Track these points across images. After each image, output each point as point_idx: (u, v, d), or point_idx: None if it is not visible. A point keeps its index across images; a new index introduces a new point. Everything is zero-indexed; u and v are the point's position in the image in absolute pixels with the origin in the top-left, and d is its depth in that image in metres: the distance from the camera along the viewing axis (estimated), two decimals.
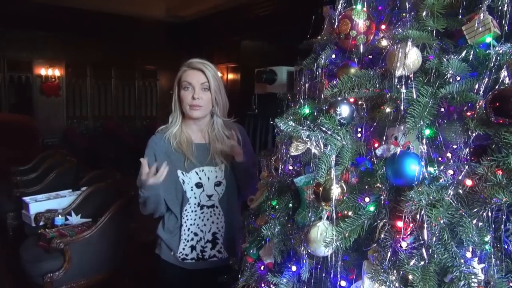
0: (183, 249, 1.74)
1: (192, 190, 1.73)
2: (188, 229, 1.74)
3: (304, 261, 1.09)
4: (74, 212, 3.24)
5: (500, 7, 0.93)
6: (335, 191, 0.97)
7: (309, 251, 1.05)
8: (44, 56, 7.98)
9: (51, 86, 8.13)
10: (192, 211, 1.73)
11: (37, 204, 3.36)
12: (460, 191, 0.87)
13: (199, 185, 1.73)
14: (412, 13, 1.03)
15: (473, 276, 0.82)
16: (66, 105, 8.44)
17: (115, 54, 8.50)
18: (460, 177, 0.87)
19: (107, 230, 2.98)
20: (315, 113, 1.17)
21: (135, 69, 9.29)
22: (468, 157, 0.90)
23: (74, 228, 3.02)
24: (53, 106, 8.21)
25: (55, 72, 8.14)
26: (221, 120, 1.78)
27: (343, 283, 1.03)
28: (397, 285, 0.88)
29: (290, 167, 1.29)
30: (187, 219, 1.73)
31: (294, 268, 1.13)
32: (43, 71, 8.01)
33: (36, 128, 7.13)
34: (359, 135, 1.09)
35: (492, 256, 0.85)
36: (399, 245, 0.89)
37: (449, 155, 0.94)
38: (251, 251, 1.31)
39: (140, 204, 1.70)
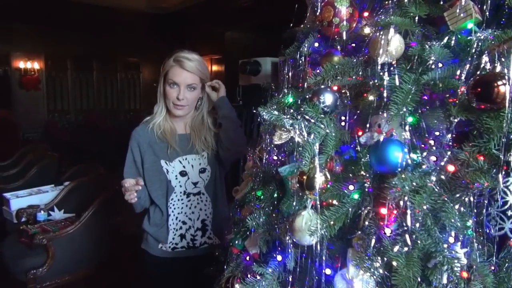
0: (173, 238, 1.74)
1: (176, 178, 1.72)
2: (176, 217, 1.73)
3: (290, 251, 1.09)
4: (57, 208, 3.19)
5: None
6: (319, 179, 0.97)
7: (294, 240, 1.05)
8: (23, 49, 7.78)
9: (31, 79, 7.94)
10: (178, 200, 1.73)
11: (18, 200, 3.29)
12: (443, 177, 0.87)
13: (183, 173, 1.72)
14: None
15: (456, 261, 0.83)
16: (46, 98, 8.27)
17: (95, 46, 8.34)
18: (442, 163, 0.88)
19: (91, 225, 2.95)
20: (299, 102, 1.16)
21: (117, 61, 9.15)
22: (450, 143, 0.91)
23: (57, 224, 2.98)
24: (33, 100, 8.03)
25: (34, 65, 7.95)
26: (205, 115, 1.78)
27: (328, 271, 1.03)
28: (381, 271, 0.89)
29: (275, 157, 1.29)
30: (174, 208, 1.73)
31: (279, 257, 1.13)
32: (21, 64, 7.82)
33: (15, 123, 6.99)
34: (343, 123, 1.09)
35: (474, 240, 0.86)
36: (383, 232, 0.89)
37: (431, 141, 0.94)
38: (237, 242, 1.31)
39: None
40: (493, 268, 0.88)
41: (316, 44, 1.25)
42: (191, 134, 1.75)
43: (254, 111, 1.14)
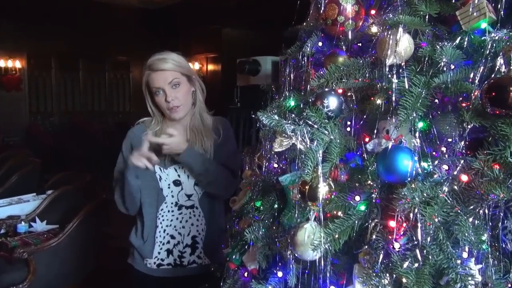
0: (159, 253, 1.73)
1: (169, 188, 1.72)
2: (164, 230, 1.73)
3: (291, 266, 1.09)
4: (39, 218, 3.18)
5: None
6: (323, 189, 0.97)
7: (296, 255, 1.05)
8: (3, 47, 7.77)
9: (11, 79, 7.93)
10: (168, 211, 1.73)
11: None
12: (456, 187, 0.88)
13: (177, 183, 1.72)
14: None
15: (470, 278, 0.83)
16: (28, 100, 8.26)
17: (82, 44, 8.34)
18: (455, 173, 0.89)
19: (76, 237, 2.94)
20: (301, 106, 1.17)
21: (105, 60, 9.15)
22: (464, 151, 0.91)
23: (39, 236, 2.97)
24: (14, 101, 8.01)
25: (16, 64, 7.95)
26: (203, 109, 1.77)
27: None
28: None
29: (275, 165, 1.29)
30: (163, 220, 1.73)
31: (280, 273, 1.13)
32: (2, 63, 7.82)
33: None
34: (348, 129, 1.09)
35: (490, 256, 0.87)
36: (391, 246, 0.89)
37: (443, 149, 0.95)
38: (234, 256, 1.31)
39: (120, 198, 1.70)
40: (509, 285, 0.88)
41: (320, 44, 1.26)
42: (191, 137, 1.74)
43: (253, 115, 1.15)
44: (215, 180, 1.69)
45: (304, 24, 1.36)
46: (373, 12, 1.16)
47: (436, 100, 0.97)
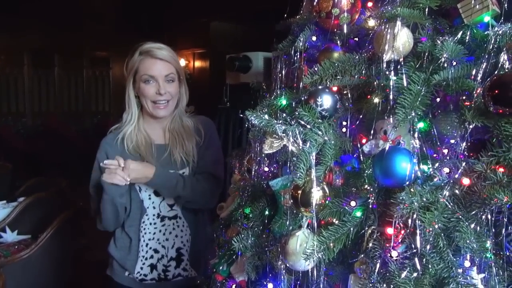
0: (141, 268, 1.73)
1: (150, 198, 1.72)
2: (147, 244, 1.73)
3: (282, 277, 1.10)
4: (9, 228, 3.16)
5: None
6: (316, 194, 0.98)
7: (288, 265, 1.06)
8: None
9: None
10: (150, 224, 1.73)
11: None
12: (457, 191, 0.89)
13: (158, 193, 1.72)
14: None
15: None
16: None
17: (57, 38, 8.30)
18: (456, 176, 0.90)
19: (50, 249, 2.92)
20: (293, 105, 1.18)
21: (83, 56, 9.11)
22: (465, 153, 0.93)
23: (10, 247, 2.96)
24: None
25: None
26: (183, 112, 1.78)
27: None
28: None
29: (266, 168, 1.30)
30: (145, 233, 1.72)
31: (270, 286, 1.14)
32: None
33: None
34: (343, 129, 1.11)
35: (493, 264, 0.88)
36: (389, 255, 0.91)
37: (444, 150, 0.97)
38: (221, 267, 1.32)
39: (97, 215, 1.70)
40: None
41: (314, 38, 1.28)
42: (171, 140, 1.73)
43: (242, 115, 1.16)
44: (194, 200, 1.70)
45: (297, 17, 1.37)
46: (370, 4, 1.18)
47: (437, 99, 0.99)
